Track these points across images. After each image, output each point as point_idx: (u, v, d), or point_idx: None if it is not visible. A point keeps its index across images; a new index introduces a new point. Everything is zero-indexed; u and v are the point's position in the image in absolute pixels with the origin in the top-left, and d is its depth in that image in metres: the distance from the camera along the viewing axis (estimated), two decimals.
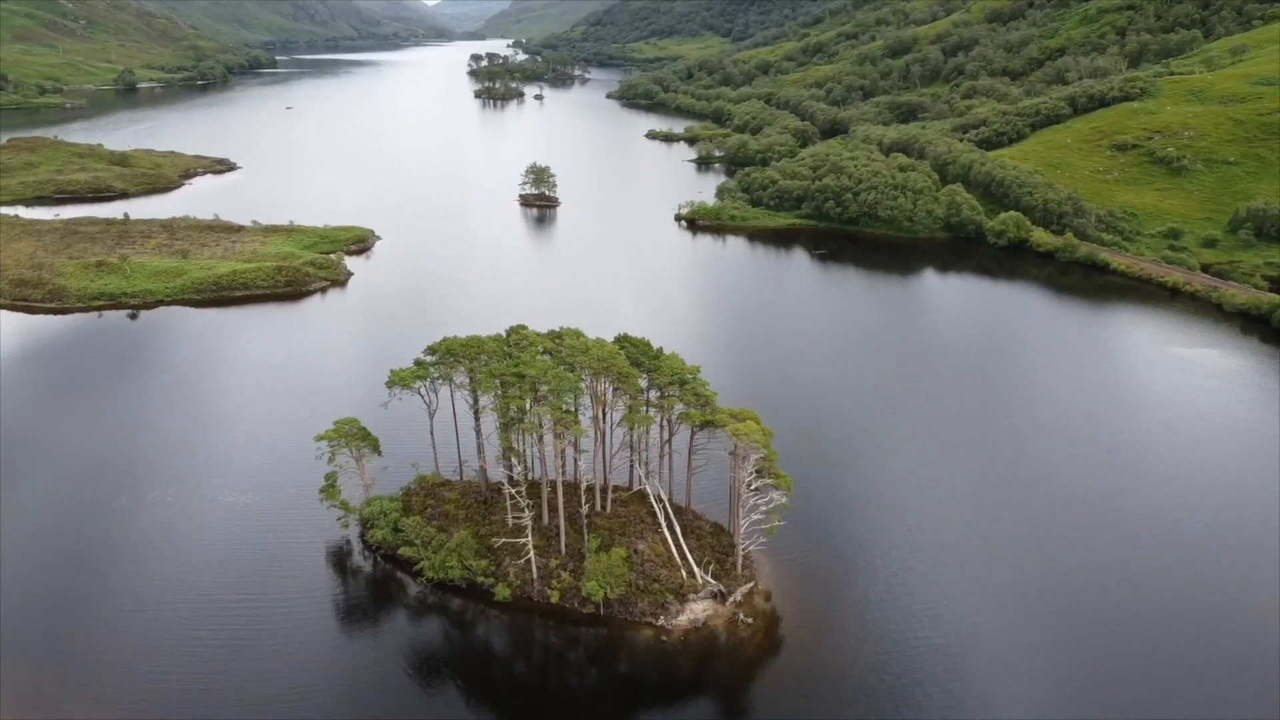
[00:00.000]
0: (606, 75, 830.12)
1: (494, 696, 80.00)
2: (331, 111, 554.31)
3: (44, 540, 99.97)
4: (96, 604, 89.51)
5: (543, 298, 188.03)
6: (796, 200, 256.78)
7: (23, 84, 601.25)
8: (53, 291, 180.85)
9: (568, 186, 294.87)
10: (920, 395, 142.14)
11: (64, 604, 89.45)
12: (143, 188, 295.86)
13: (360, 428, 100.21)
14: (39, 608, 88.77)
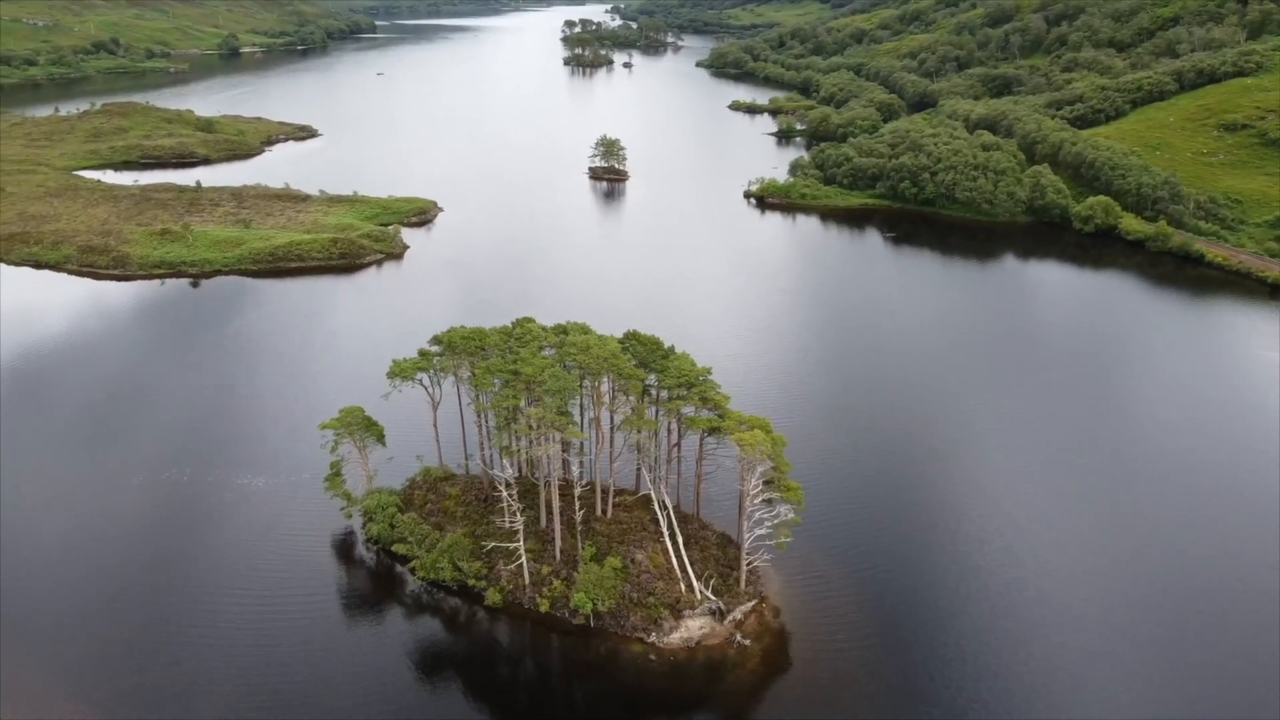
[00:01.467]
0: (700, 43, 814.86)
1: (466, 703, 76.97)
2: (420, 78, 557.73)
3: (60, 516, 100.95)
4: (90, 583, 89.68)
5: (590, 279, 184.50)
6: (871, 179, 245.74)
7: (133, 48, 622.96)
8: (117, 259, 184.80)
9: (639, 159, 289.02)
10: (989, 397, 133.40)
11: (63, 583, 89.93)
12: (224, 153, 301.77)
13: (364, 417, 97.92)
14: (48, 584, 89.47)
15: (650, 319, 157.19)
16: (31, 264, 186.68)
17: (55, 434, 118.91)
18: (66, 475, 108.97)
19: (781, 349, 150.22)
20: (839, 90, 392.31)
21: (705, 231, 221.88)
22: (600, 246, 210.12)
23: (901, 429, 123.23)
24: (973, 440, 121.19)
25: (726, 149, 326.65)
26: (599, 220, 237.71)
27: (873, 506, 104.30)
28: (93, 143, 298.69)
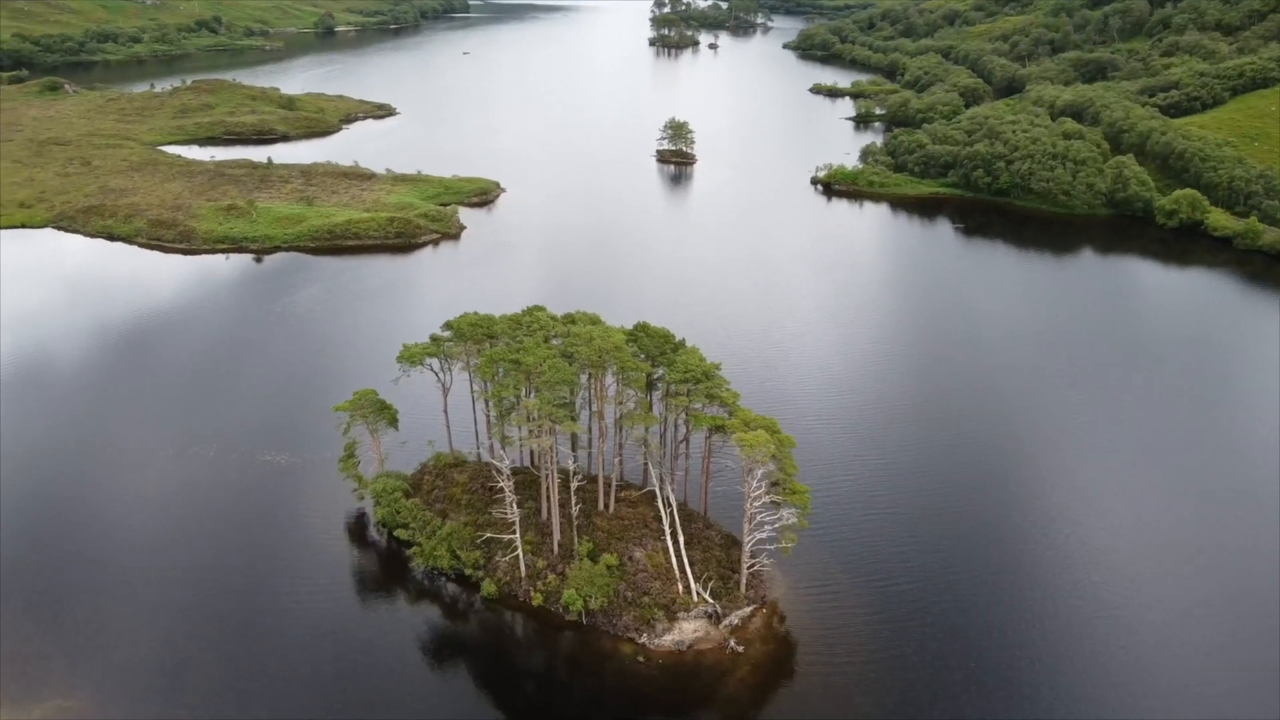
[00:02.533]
0: (791, 24, 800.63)
1: (445, 690, 76.36)
2: (505, 58, 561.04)
3: (83, 485, 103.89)
4: (101, 555, 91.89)
5: (640, 264, 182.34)
6: (944, 167, 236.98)
7: (233, 26, 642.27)
8: (183, 233, 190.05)
9: (709, 143, 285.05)
10: (1051, 403, 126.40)
11: (77, 554, 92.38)
12: (303, 131, 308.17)
13: (377, 400, 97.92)
14: (61, 554, 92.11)
15: (691, 308, 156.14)
16: (105, 236, 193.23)
17: (91, 404, 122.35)
18: (98, 444, 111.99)
19: (825, 344, 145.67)
20: (924, 74, 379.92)
21: (766, 218, 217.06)
22: (656, 231, 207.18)
23: (948, 437, 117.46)
24: (1028, 452, 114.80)
25: (800, 134, 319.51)
26: (659, 204, 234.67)
27: (900, 518, 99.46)
28: (180, 119, 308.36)
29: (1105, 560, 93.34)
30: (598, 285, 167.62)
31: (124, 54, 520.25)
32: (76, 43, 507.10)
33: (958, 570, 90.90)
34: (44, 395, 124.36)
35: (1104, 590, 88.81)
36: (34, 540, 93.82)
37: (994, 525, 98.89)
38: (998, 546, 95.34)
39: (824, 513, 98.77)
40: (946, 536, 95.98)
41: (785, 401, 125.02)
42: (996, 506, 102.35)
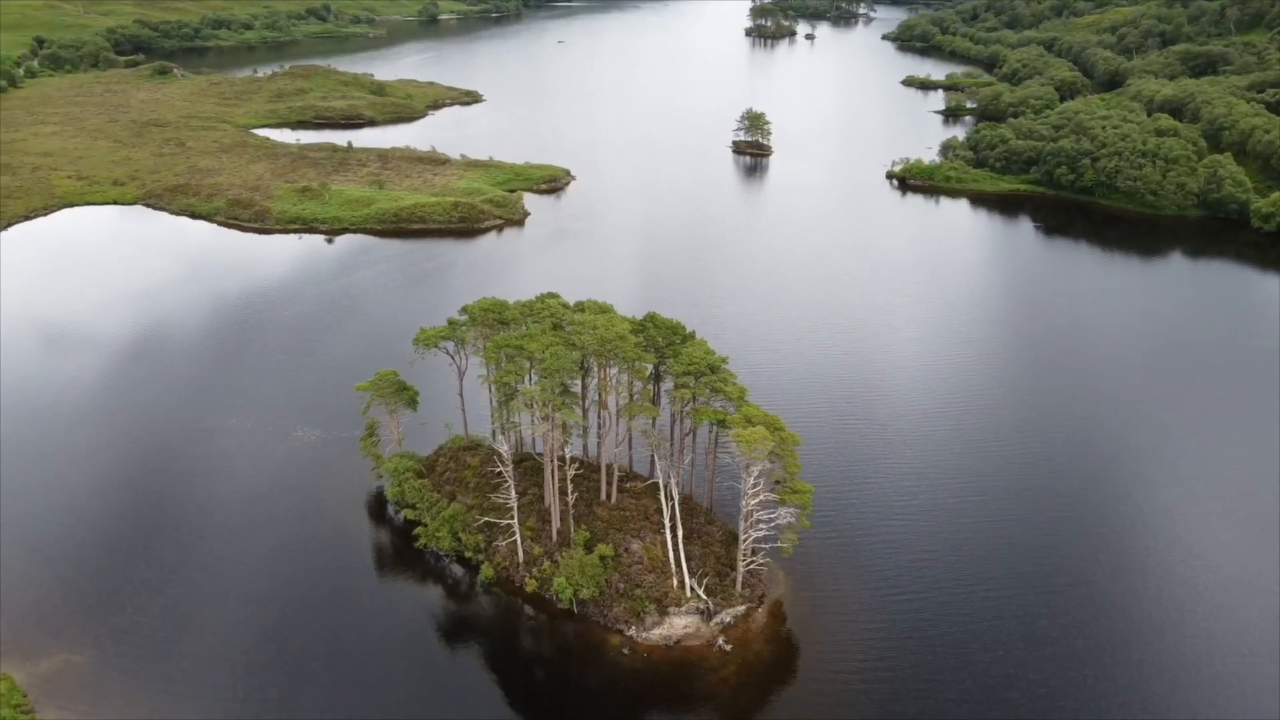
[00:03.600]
0: (895, 14, 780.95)
1: (426, 669, 77.20)
2: (597, 46, 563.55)
3: (125, 452, 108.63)
4: (119, 517, 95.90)
5: (697, 255, 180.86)
6: (1025, 163, 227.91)
7: (341, 14, 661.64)
8: (258, 213, 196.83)
9: (787, 134, 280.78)
10: (1118, 416, 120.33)
11: (111, 517, 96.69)
12: (389, 116, 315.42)
13: (397, 381, 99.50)
14: (97, 518, 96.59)
15: (738, 300, 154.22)
16: (188, 214, 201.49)
17: (138, 372, 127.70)
18: (144, 411, 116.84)
19: (872, 343, 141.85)
20: (1022, 66, 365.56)
21: (834, 213, 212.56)
22: (718, 223, 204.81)
23: (988, 446, 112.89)
24: (1084, 467, 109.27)
25: (883, 127, 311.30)
26: (726, 195, 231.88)
27: (922, 529, 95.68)
28: (274, 103, 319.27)
29: (1129, 582, 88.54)
30: (647, 275, 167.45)
31: (235, 40, 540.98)
32: (192, 29, 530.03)
33: (971, 590, 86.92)
34: (98, 361, 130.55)
35: (1115, 611, 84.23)
36: (70, 499, 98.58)
37: (1035, 547, 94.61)
38: (1036, 571, 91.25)
39: (840, 516, 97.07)
40: (969, 554, 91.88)
41: (818, 398, 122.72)
42: (1042, 525, 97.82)
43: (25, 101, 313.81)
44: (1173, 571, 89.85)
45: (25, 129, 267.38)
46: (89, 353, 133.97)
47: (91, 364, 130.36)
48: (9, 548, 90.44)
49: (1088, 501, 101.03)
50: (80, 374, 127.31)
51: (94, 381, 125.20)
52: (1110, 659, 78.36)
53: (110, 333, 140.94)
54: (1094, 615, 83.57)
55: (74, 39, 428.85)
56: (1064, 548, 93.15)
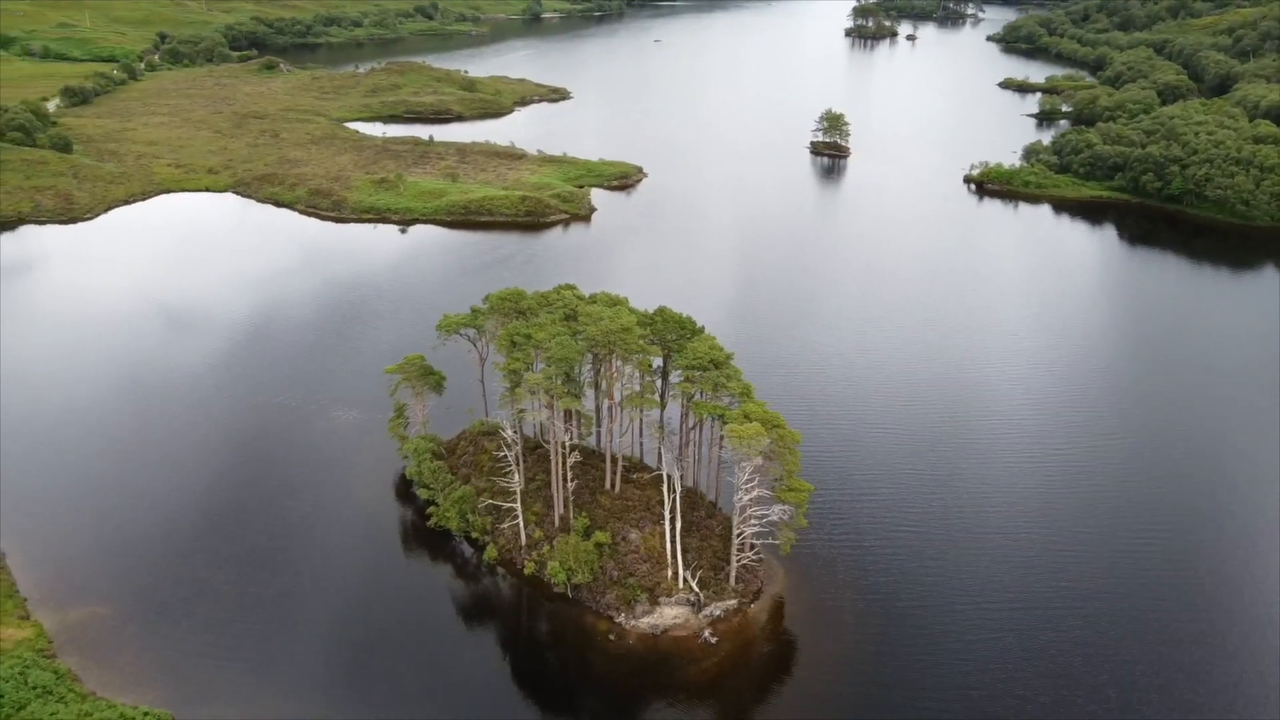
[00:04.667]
0: (1004, 15, 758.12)
1: (419, 641, 79.96)
2: (694, 45, 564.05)
3: (175, 421, 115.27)
4: (159, 482, 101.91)
5: (756, 257, 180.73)
6: (1111, 169, 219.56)
7: (447, 12, 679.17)
8: (336, 202, 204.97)
9: (868, 136, 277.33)
10: (1171, 436, 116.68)
11: (164, 488, 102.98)
12: (477, 111, 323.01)
13: (423, 365, 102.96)
14: (148, 487, 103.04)
15: (783, 302, 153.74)
16: (272, 202, 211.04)
17: (206, 351, 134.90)
18: (199, 388, 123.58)
19: (915, 350, 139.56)
20: (1127, 69, 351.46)
21: (904, 216, 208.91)
22: (783, 222, 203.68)
23: (1019, 462, 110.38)
24: (1118, 487, 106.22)
25: (971, 129, 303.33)
26: (798, 195, 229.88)
27: (928, 539, 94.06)
28: (369, 97, 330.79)
29: (1136, 607, 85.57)
30: (700, 274, 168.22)
31: (344, 37, 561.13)
32: (305, 26, 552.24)
33: (973, 606, 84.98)
34: (163, 338, 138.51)
35: (1118, 636, 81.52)
36: (117, 465, 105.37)
37: (1050, 568, 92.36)
38: (1045, 588, 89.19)
39: (853, 520, 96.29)
40: (976, 571, 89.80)
41: (848, 402, 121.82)
42: (1060, 546, 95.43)
43: (142, 94, 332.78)
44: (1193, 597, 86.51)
45: (137, 119, 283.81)
46: (157, 329, 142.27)
47: (156, 340, 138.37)
48: (57, 505, 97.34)
49: (1105, 523, 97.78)
50: (144, 348, 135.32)
51: (156, 356, 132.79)
52: (1106, 681, 75.95)
53: (179, 312, 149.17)
54: (1096, 636, 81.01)
55: (193, 35, 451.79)
56: (1075, 567, 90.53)
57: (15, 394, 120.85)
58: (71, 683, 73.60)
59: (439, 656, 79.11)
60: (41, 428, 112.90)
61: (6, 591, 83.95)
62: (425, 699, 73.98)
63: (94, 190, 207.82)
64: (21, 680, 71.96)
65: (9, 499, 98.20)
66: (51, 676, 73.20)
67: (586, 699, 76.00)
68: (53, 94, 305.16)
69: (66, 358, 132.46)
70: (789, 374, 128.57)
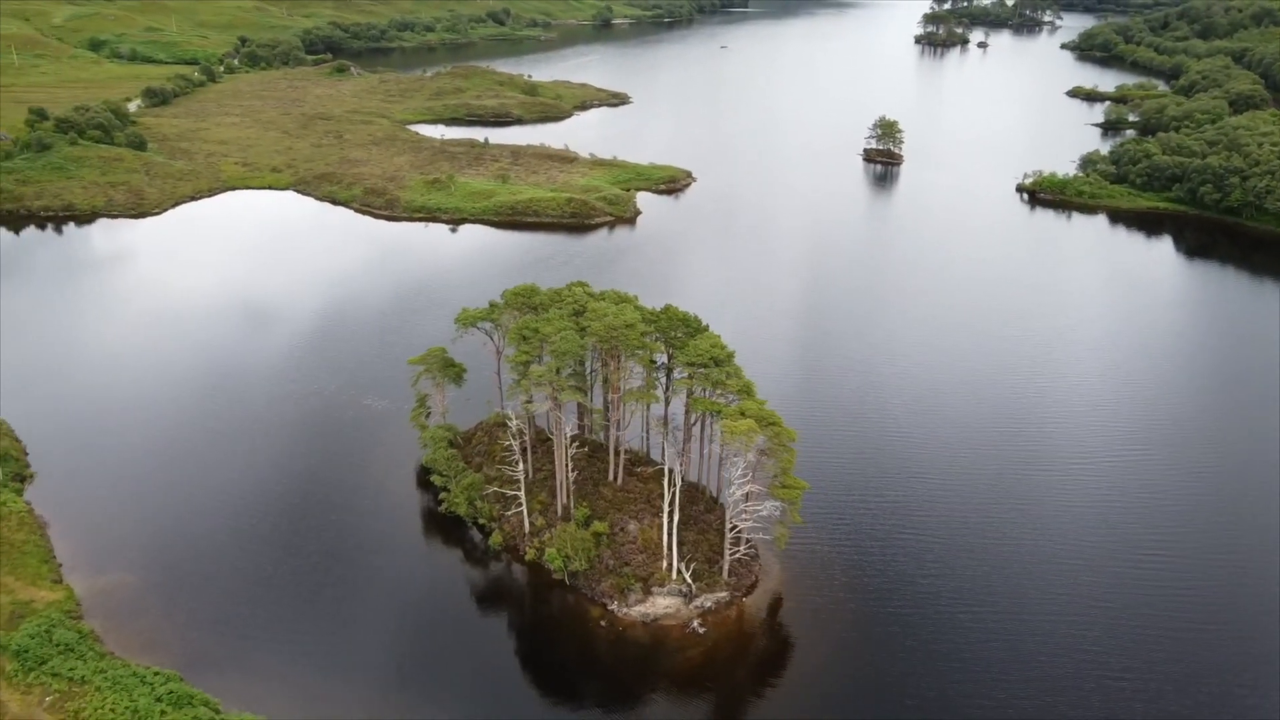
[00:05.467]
0: (1083, 22, 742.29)
1: (417, 617, 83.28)
2: (760, 53, 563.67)
3: (212, 403, 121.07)
4: (193, 461, 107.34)
5: (796, 262, 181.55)
6: (1169, 179, 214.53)
7: (519, 18, 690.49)
8: (389, 201, 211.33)
9: (922, 143, 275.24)
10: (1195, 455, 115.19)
11: (198, 468, 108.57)
12: (536, 115, 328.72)
13: (445, 358, 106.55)
14: (180, 467, 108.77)
15: (814, 309, 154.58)
16: (330, 200, 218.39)
17: (249, 340, 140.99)
18: (240, 376, 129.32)
19: (932, 358, 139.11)
20: (1202, 78, 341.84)
21: (951, 222, 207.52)
22: (827, 228, 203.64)
23: (1032, 473, 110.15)
24: (1135, 504, 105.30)
25: (1031, 138, 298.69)
26: (846, 202, 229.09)
27: (933, 547, 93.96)
28: (432, 100, 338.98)
29: (1132, 623, 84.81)
30: (734, 276, 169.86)
31: (417, 41, 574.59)
32: (379, 30, 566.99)
33: (970, 615, 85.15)
34: (207, 327, 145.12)
35: (1108, 649, 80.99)
36: (156, 444, 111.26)
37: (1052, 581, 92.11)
38: (1046, 602, 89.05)
39: (860, 523, 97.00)
40: (976, 580, 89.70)
41: (868, 408, 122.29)
42: (1067, 557, 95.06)
43: (218, 95, 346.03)
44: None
45: (211, 119, 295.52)
46: (202, 319, 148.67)
47: (200, 329, 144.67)
48: (97, 480, 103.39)
49: (1110, 536, 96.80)
50: (189, 336, 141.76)
51: (198, 344, 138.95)
52: (1092, 689, 75.70)
53: (224, 302, 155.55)
54: (1087, 645, 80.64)
55: (271, 39, 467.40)
56: (1073, 578, 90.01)
57: (67, 375, 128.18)
58: (93, 642, 78.46)
59: (437, 633, 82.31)
60: (88, 408, 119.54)
61: (43, 557, 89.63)
62: (420, 671, 77.19)
63: (163, 186, 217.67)
64: (47, 638, 77.04)
65: (54, 473, 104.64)
66: (75, 635, 78.13)
67: (572, 680, 78.49)
68: (135, 95, 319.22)
69: (117, 343, 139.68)
70: (809, 377, 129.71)
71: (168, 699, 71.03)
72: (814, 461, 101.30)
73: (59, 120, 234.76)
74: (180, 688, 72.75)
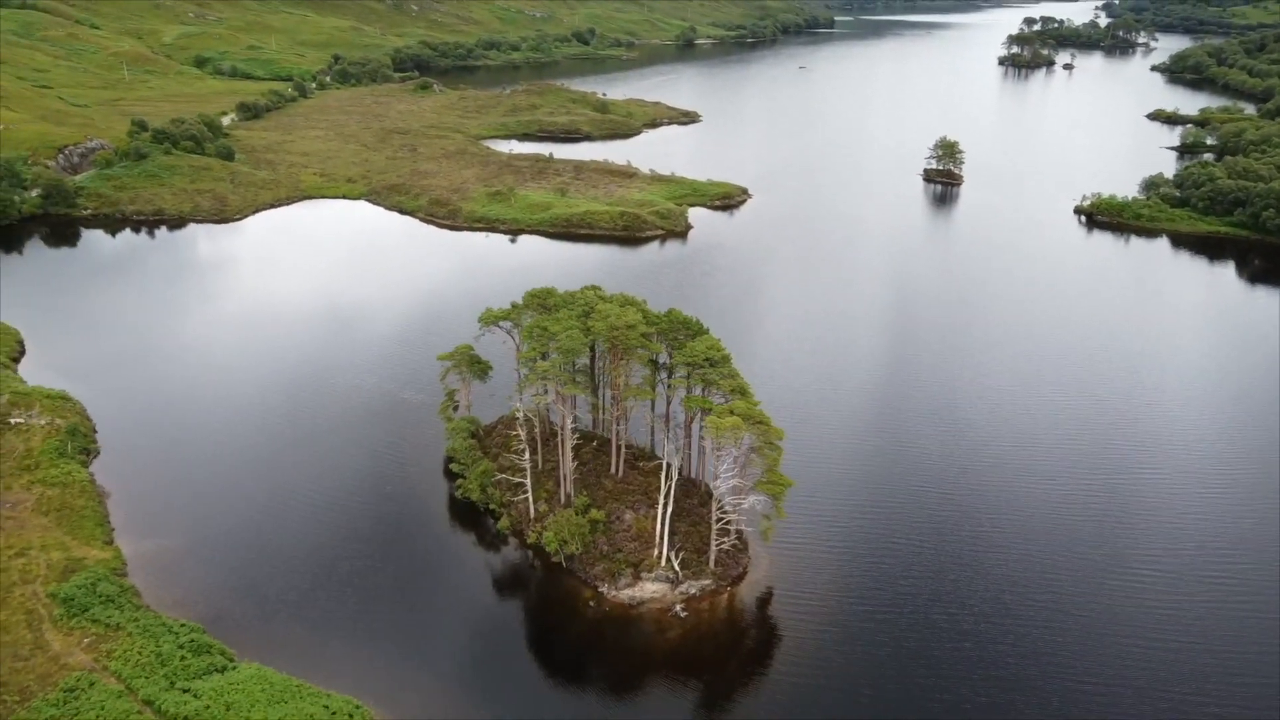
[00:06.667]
0: (1179, 44, 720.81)
1: (419, 586, 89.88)
2: (839, 73, 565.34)
3: (271, 402, 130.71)
4: (242, 441, 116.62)
5: (834, 279, 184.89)
6: (1231, 204, 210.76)
7: (603, 37, 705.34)
8: (451, 211, 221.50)
9: (986, 164, 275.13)
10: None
11: (239, 457, 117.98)
12: (605, 132, 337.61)
13: (471, 355, 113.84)
14: (223, 453, 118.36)
15: (844, 323, 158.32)
16: (397, 210, 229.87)
17: (310, 337, 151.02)
18: (293, 370, 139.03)
19: (948, 377, 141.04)
20: None
21: (1003, 242, 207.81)
22: (877, 247, 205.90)
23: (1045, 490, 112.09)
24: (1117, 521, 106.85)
25: (1100, 161, 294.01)
26: (900, 221, 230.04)
27: (931, 556, 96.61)
28: (507, 116, 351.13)
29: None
30: (773, 288, 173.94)
31: (501, 60, 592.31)
32: (465, 50, 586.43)
33: (944, 615, 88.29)
34: (272, 324, 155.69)
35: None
36: (212, 429, 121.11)
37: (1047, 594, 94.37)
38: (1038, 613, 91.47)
39: (863, 528, 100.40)
40: (967, 589, 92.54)
41: (885, 420, 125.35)
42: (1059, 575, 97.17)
43: (307, 110, 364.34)
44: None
45: (297, 132, 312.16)
46: (264, 317, 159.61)
47: (260, 327, 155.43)
48: (152, 455, 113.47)
49: (1115, 559, 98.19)
50: (252, 333, 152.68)
51: (260, 340, 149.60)
52: (1053, 690, 78.05)
53: (289, 302, 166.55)
54: (1055, 649, 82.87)
55: (363, 57, 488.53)
56: (1056, 588, 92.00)
57: (139, 364, 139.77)
58: (131, 596, 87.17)
59: (437, 603, 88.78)
60: (153, 394, 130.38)
61: (98, 521, 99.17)
62: (417, 633, 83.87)
63: (245, 194, 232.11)
64: (92, 589, 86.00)
65: (117, 449, 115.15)
66: (117, 589, 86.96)
67: (553, 652, 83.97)
68: (231, 109, 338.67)
69: (186, 337, 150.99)
70: (830, 387, 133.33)
71: (189, 646, 78.99)
72: (817, 464, 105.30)
73: (156, 131, 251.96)
74: (201, 638, 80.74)
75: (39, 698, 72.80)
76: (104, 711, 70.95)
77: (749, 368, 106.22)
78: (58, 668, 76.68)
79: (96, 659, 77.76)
